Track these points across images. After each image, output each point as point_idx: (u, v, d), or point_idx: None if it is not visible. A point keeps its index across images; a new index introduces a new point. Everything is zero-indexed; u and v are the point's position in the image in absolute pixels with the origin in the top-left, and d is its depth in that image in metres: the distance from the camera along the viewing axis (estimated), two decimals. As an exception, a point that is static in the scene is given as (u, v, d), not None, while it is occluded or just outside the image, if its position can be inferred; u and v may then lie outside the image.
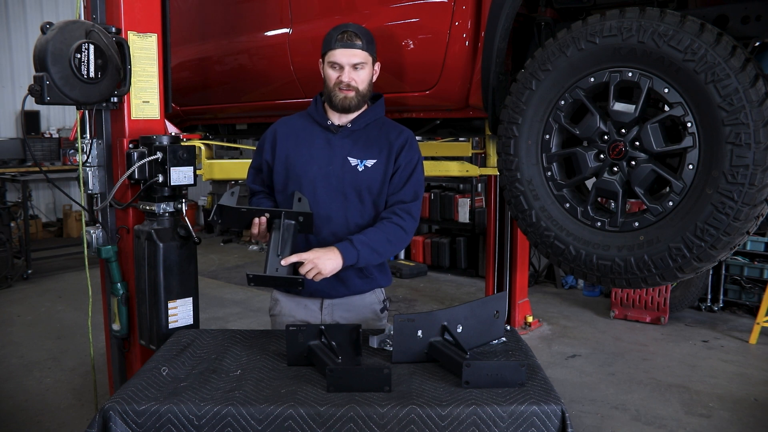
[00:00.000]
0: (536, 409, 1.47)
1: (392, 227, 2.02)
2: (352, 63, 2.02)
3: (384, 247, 2.01)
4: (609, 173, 2.02)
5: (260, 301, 5.76)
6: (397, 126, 2.17)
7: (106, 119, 2.44)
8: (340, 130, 2.10)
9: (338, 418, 1.46)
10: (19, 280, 6.34)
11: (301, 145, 2.11)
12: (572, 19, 2.31)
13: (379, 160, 2.07)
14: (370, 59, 2.06)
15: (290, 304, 2.18)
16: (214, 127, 4.11)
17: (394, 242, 2.03)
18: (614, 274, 2.01)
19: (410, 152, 2.09)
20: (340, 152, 2.08)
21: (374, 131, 2.12)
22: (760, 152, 1.73)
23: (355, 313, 2.15)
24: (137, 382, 1.63)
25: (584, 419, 3.42)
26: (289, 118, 2.20)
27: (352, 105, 2.05)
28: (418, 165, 2.11)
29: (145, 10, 2.39)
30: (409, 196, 2.07)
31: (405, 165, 2.08)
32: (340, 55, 2.01)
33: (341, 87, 2.03)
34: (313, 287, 2.09)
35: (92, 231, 2.42)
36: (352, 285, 2.11)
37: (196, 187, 5.87)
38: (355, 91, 2.04)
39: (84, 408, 3.47)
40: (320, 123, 2.12)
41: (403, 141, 2.09)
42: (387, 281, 2.22)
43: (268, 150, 2.15)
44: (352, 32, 2.02)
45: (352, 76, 2.02)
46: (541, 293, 6.04)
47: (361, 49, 2.02)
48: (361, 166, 2.06)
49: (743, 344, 4.61)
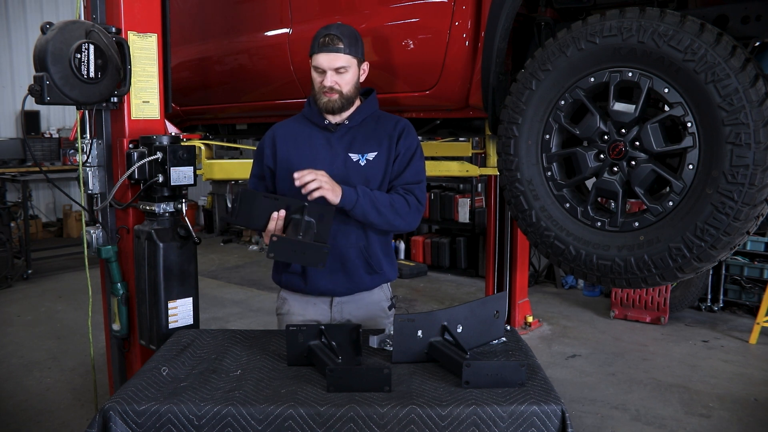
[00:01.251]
0: (536, 409, 1.47)
1: (398, 197, 2.04)
2: (334, 67, 2.02)
3: (385, 209, 2.00)
4: (609, 173, 2.02)
5: (260, 301, 5.76)
6: (393, 117, 2.18)
7: (106, 119, 2.44)
8: (338, 128, 2.11)
9: (338, 418, 1.46)
10: (19, 280, 6.34)
11: (302, 147, 2.11)
12: (572, 19, 2.31)
13: (379, 152, 2.09)
14: (354, 61, 2.05)
15: (299, 302, 2.18)
16: (214, 127, 4.10)
17: (397, 210, 2.02)
18: (614, 274, 2.01)
19: (408, 138, 2.11)
20: (341, 150, 2.09)
21: (371, 125, 2.13)
22: (760, 152, 1.73)
23: (364, 310, 2.15)
24: (137, 382, 1.63)
25: (584, 419, 3.42)
26: (285, 123, 2.20)
27: (335, 107, 2.06)
28: (417, 150, 2.12)
29: (145, 10, 2.39)
30: (412, 177, 2.09)
31: (404, 151, 2.10)
32: (323, 59, 2.02)
33: (324, 90, 2.04)
34: (321, 286, 2.10)
35: (92, 231, 2.42)
36: (359, 281, 2.11)
37: (196, 187, 5.88)
38: (339, 94, 2.04)
39: (84, 408, 3.47)
40: (317, 123, 2.13)
41: (401, 129, 2.12)
42: (393, 275, 2.22)
43: (269, 155, 2.14)
44: (335, 35, 2.01)
45: (335, 79, 2.03)
46: (541, 293, 6.04)
47: (344, 53, 2.01)
48: (362, 160, 2.07)
49: (743, 344, 4.61)
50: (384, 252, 2.17)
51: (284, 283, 2.18)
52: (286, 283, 2.18)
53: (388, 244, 2.23)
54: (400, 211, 2.03)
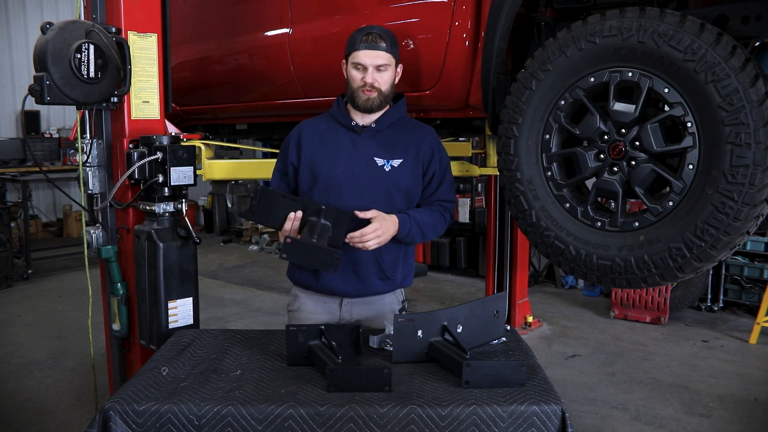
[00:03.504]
0: (536, 409, 1.47)
1: (439, 216, 2.11)
2: (376, 64, 2.03)
3: (428, 232, 2.09)
4: (609, 173, 2.02)
5: (260, 301, 5.76)
6: (420, 124, 2.20)
7: (106, 119, 2.44)
8: (364, 131, 2.10)
9: (338, 418, 1.46)
10: (19, 280, 6.33)
11: (326, 146, 2.10)
12: (572, 19, 2.31)
13: (405, 159, 2.09)
14: (393, 61, 2.07)
15: (310, 300, 2.18)
16: (214, 127, 4.10)
17: (436, 230, 2.12)
18: (614, 274, 2.00)
19: (440, 153, 2.16)
20: (366, 153, 2.08)
21: (398, 130, 2.13)
22: (760, 152, 1.73)
23: (374, 311, 2.15)
24: (137, 382, 1.63)
25: (584, 419, 3.42)
26: (313, 120, 2.19)
27: (374, 105, 2.06)
28: (449, 165, 2.20)
29: (145, 10, 2.39)
30: (446, 194, 2.16)
31: (439, 168, 2.15)
32: (364, 56, 2.02)
33: (365, 88, 2.03)
34: (332, 286, 2.10)
35: (92, 231, 2.42)
36: (371, 285, 2.11)
37: (196, 187, 5.87)
38: (378, 92, 2.04)
39: (84, 408, 3.47)
40: (344, 124, 2.12)
41: (430, 141, 2.14)
42: (408, 281, 2.23)
43: (293, 151, 2.13)
44: (377, 34, 2.03)
45: (376, 77, 2.03)
46: (541, 293, 6.04)
47: (385, 51, 2.03)
48: (387, 165, 2.07)
49: (743, 344, 4.61)
50: (400, 259, 2.15)
51: (297, 279, 2.19)
52: (299, 279, 2.18)
53: (407, 250, 2.20)
54: (438, 230, 2.12)
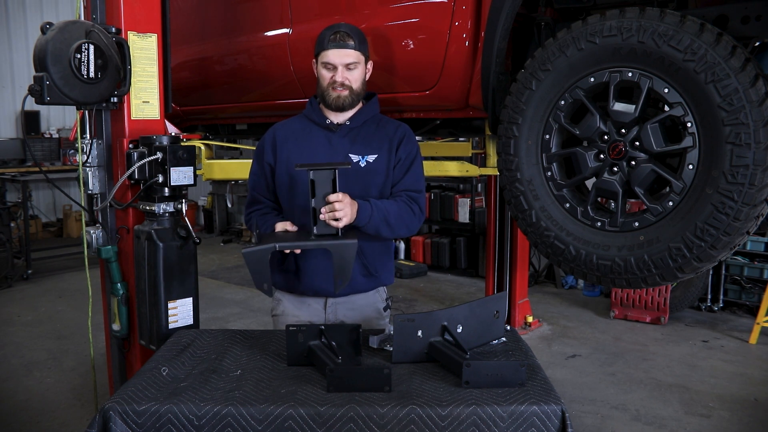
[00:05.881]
0: (536, 409, 1.47)
1: (405, 206, 2.05)
2: (345, 63, 2.04)
3: (395, 220, 2.01)
4: (609, 173, 2.02)
5: (260, 301, 5.76)
6: (394, 121, 2.20)
7: (106, 119, 2.44)
8: (339, 129, 2.12)
9: (338, 418, 1.46)
10: (19, 280, 6.33)
11: (302, 146, 2.12)
12: (572, 19, 2.31)
13: (380, 154, 2.09)
14: (362, 58, 2.08)
15: (293, 303, 2.18)
16: (214, 127, 4.10)
17: (404, 220, 2.04)
18: (614, 274, 2.01)
19: (409, 144, 2.13)
20: (341, 150, 2.10)
21: (372, 127, 2.14)
22: (760, 152, 1.73)
23: (359, 311, 2.15)
24: (137, 382, 1.63)
25: (584, 419, 3.42)
26: (286, 122, 2.21)
27: (345, 104, 2.08)
28: (417, 157, 2.14)
29: (145, 10, 2.39)
30: (412, 185, 2.10)
31: (405, 157, 2.11)
32: (333, 55, 2.04)
33: (335, 86, 2.05)
34: (316, 285, 2.10)
35: (92, 231, 2.42)
36: (355, 283, 2.10)
37: (196, 187, 5.87)
38: (349, 90, 2.06)
39: (84, 408, 3.47)
40: (319, 123, 2.14)
41: (401, 134, 2.13)
42: (390, 279, 2.23)
43: (269, 152, 2.15)
44: (344, 32, 2.04)
45: (346, 75, 2.05)
46: (541, 293, 6.04)
47: (354, 49, 2.04)
48: (363, 161, 2.08)
49: (743, 344, 4.61)
50: (382, 255, 2.17)
51: (278, 283, 2.18)
52: (281, 283, 2.18)
53: (388, 247, 2.22)
54: (406, 221, 2.05)
